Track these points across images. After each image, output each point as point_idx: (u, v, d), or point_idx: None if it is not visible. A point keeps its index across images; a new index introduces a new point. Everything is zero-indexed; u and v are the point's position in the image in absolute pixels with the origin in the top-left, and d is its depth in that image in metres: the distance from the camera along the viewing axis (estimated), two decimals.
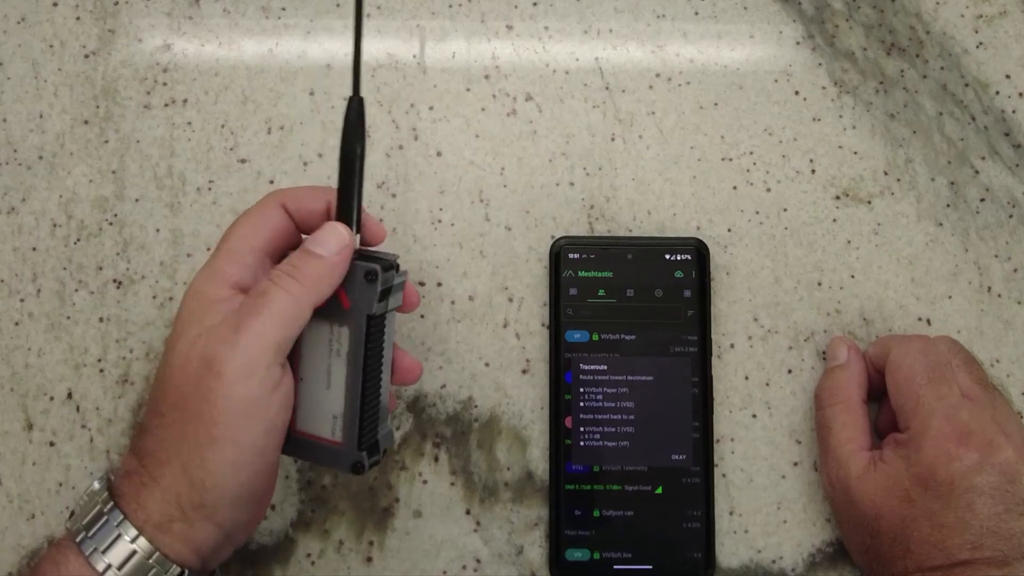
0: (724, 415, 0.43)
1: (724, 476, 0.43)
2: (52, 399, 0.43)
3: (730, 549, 0.42)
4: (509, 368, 0.43)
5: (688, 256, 0.43)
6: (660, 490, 0.42)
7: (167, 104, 0.46)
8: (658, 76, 0.46)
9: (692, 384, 0.42)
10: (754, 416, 0.43)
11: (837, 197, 0.45)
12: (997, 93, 0.46)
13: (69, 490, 0.43)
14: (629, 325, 0.42)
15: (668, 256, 0.43)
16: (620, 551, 0.41)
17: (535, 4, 0.47)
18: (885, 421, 0.41)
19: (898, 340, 0.41)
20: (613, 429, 0.42)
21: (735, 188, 0.45)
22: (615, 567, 0.41)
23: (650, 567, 0.41)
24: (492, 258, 0.44)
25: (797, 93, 0.46)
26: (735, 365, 0.44)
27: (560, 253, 0.43)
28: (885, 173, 0.45)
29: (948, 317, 0.44)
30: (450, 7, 0.47)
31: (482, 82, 0.46)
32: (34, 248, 0.45)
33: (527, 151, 0.45)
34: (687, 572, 0.41)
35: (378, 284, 0.34)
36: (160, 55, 0.46)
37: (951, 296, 0.44)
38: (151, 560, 0.31)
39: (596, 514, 0.41)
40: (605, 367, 0.42)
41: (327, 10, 0.47)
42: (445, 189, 0.45)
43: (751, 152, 0.45)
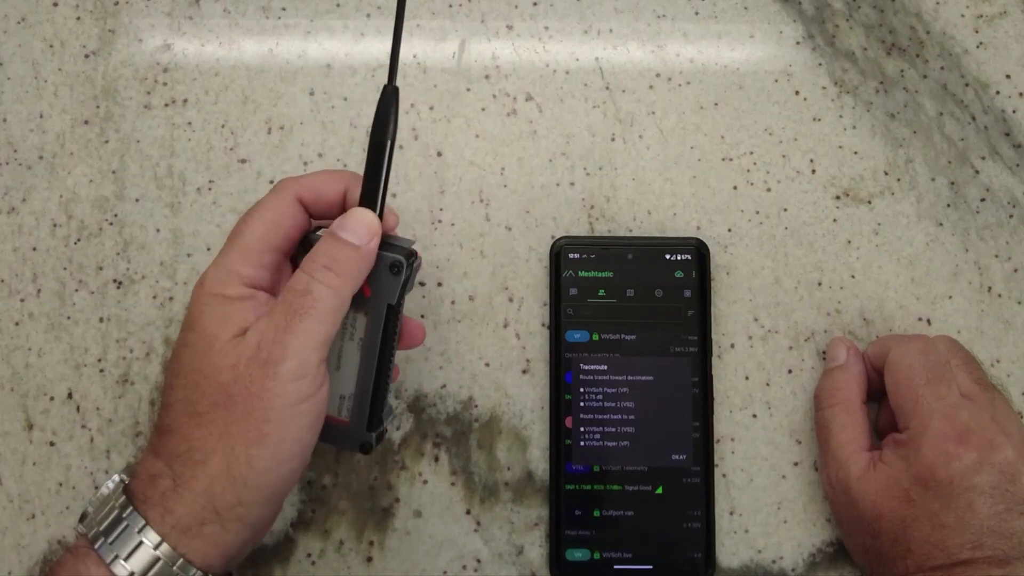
0: (724, 415, 0.43)
1: (724, 476, 0.43)
2: (52, 399, 0.43)
3: (730, 549, 0.42)
4: (509, 368, 0.43)
5: (688, 256, 0.43)
6: (660, 490, 0.42)
7: (167, 104, 0.46)
8: (658, 76, 0.46)
9: (692, 384, 0.42)
10: (754, 416, 0.43)
11: (837, 197, 0.45)
12: (997, 93, 0.46)
13: (69, 490, 0.43)
14: (629, 325, 0.42)
15: (668, 256, 0.43)
16: (620, 551, 0.41)
17: (535, 4, 0.47)
18: (885, 421, 0.41)
19: (897, 340, 0.41)
20: (613, 429, 0.42)
21: (735, 188, 0.45)
22: (615, 567, 0.41)
23: (650, 567, 0.41)
24: (492, 258, 0.44)
25: (797, 93, 0.46)
26: (735, 365, 0.44)
27: (560, 253, 0.43)
28: (885, 173, 0.45)
29: (948, 317, 0.44)
30: (450, 7, 0.47)
31: (482, 82, 0.46)
32: (34, 248, 0.45)
33: (527, 151, 0.45)
34: (687, 572, 0.41)
35: (403, 276, 0.34)
36: (160, 55, 0.46)
37: (951, 296, 0.44)
38: (175, 567, 0.31)
39: (596, 514, 0.41)
40: (605, 367, 0.42)
41: (327, 10, 0.47)
42: (445, 189, 0.45)
43: (751, 152, 0.45)
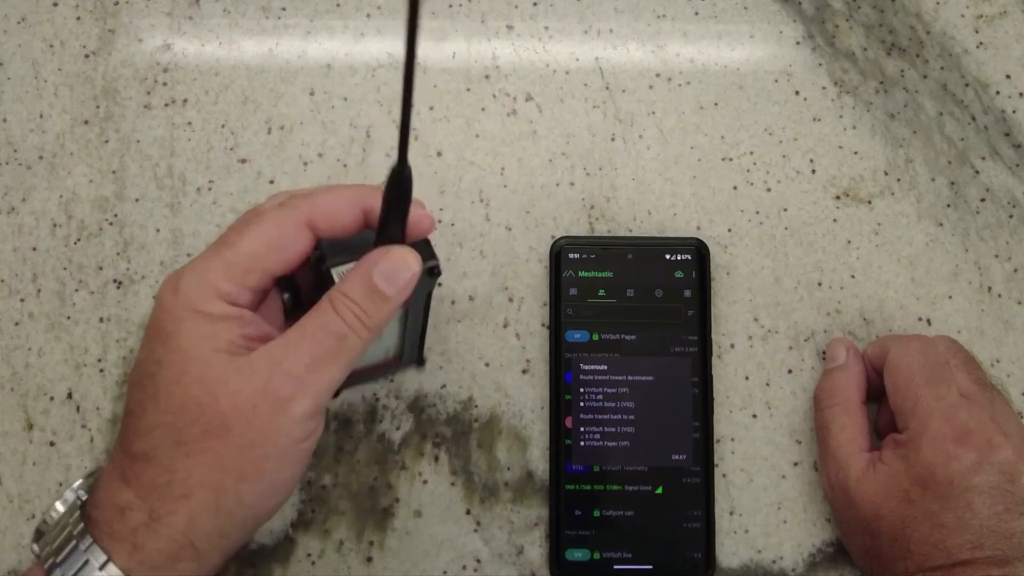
0: (724, 415, 0.43)
1: (724, 476, 0.43)
2: (52, 399, 0.43)
3: (730, 549, 0.42)
4: (509, 368, 0.44)
5: (688, 256, 0.43)
6: (660, 490, 0.42)
7: (167, 104, 0.46)
8: (658, 76, 0.46)
9: (692, 384, 0.42)
10: (754, 416, 0.43)
11: (837, 197, 0.45)
12: (997, 93, 0.46)
13: None
14: (629, 325, 0.42)
15: (668, 256, 0.43)
16: (620, 551, 0.41)
17: (535, 4, 0.47)
18: (884, 422, 0.41)
19: (897, 340, 0.41)
20: (613, 429, 0.42)
21: (735, 188, 0.45)
22: (615, 567, 0.41)
23: (650, 567, 0.41)
24: (492, 258, 0.44)
25: (797, 93, 0.46)
26: (735, 365, 0.44)
27: (560, 253, 0.43)
28: (885, 173, 0.45)
29: (948, 317, 0.44)
30: (450, 7, 0.47)
31: (482, 82, 0.46)
32: (34, 248, 0.45)
33: (527, 151, 0.45)
34: (687, 572, 0.41)
35: (435, 279, 0.33)
36: (160, 55, 0.46)
37: (951, 296, 0.44)
38: None
39: (596, 514, 0.41)
40: (605, 367, 0.42)
41: (327, 10, 0.47)
42: (445, 189, 0.45)
43: (751, 152, 0.45)
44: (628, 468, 0.42)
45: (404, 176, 0.29)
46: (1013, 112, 0.46)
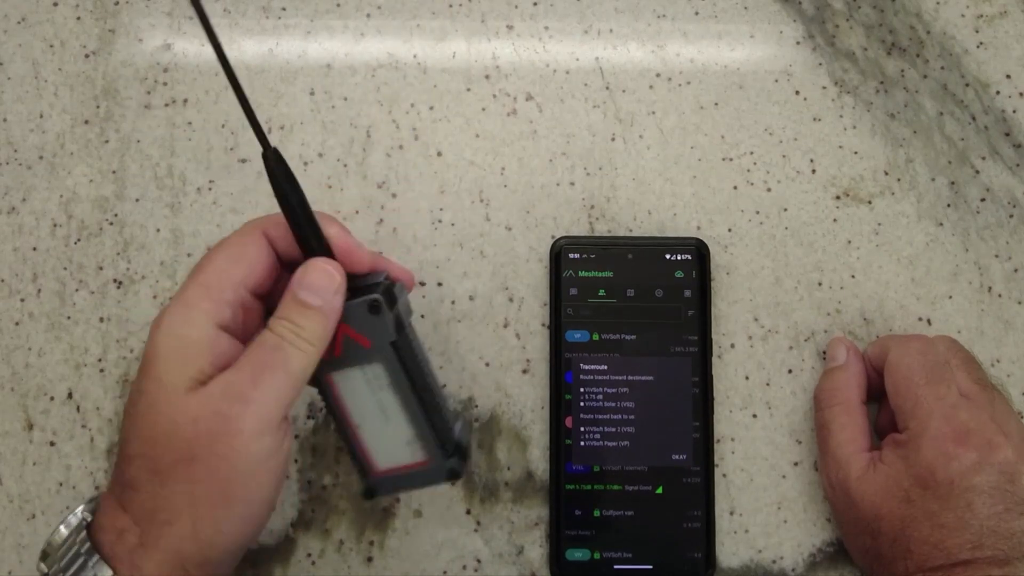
0: (724, 415, 0.43)
1: (724, 476, 0.43)
2: (52, 399, 0.43)
3: (730, 549, 0.42)
4: (509, 368, 0.44)
5: (688, 256, 0.43)
6: (660, 490, 0.42)
7: (167, 104, 0.46)
8: (658, 76, 0.46)
9: (692, 384, 0.42)
10: (754, 416, 0.43)
11: (837, 197, 0.45)
12: (997, 93, 0.46)
13: (69, 490, 0.43)
14: (629, 325, 0.42)
15: (668, 256, 0.43)
16: (620, 551, 0.41)
17: (535, 4, 0.47)
18: (884, 422, 0.41)
19: (897, 340, 0.41)
20: (613, 429, 0.42)
21: (735, 188, 0.45)
22: (615, 567, 0.41)
23: (650, 567, 0.41)
24: (492, 258, 0.44)
25: (797, 93, 0.46)
26: (735, 365, 0.44)
27: (560, 253, 0.43)
28: (885, 173, 0.45)
29: (948, 317, 0.44)
30: (450, 7, 0.47)
31: (482, 82, 0.46)
32: (34, 248, 0.45)
33: (527, 151, 0.45)
34: (687, 572, 0.41)
35: (385, 312, 0.32)
36: (160, 55, 0.46)
37: (951, 296, 0.44)
38: None
39: (596, 514, 0.41)
40: (605, 367, 0.42)
41: (327, 10, 0.47)
42: (445, 189, 0.45)
43: (751, 152, 0.45)
44: (628, 468, 0.42)
45: (275, 159, 0.32)
46: (1013, 112, 0.46)
